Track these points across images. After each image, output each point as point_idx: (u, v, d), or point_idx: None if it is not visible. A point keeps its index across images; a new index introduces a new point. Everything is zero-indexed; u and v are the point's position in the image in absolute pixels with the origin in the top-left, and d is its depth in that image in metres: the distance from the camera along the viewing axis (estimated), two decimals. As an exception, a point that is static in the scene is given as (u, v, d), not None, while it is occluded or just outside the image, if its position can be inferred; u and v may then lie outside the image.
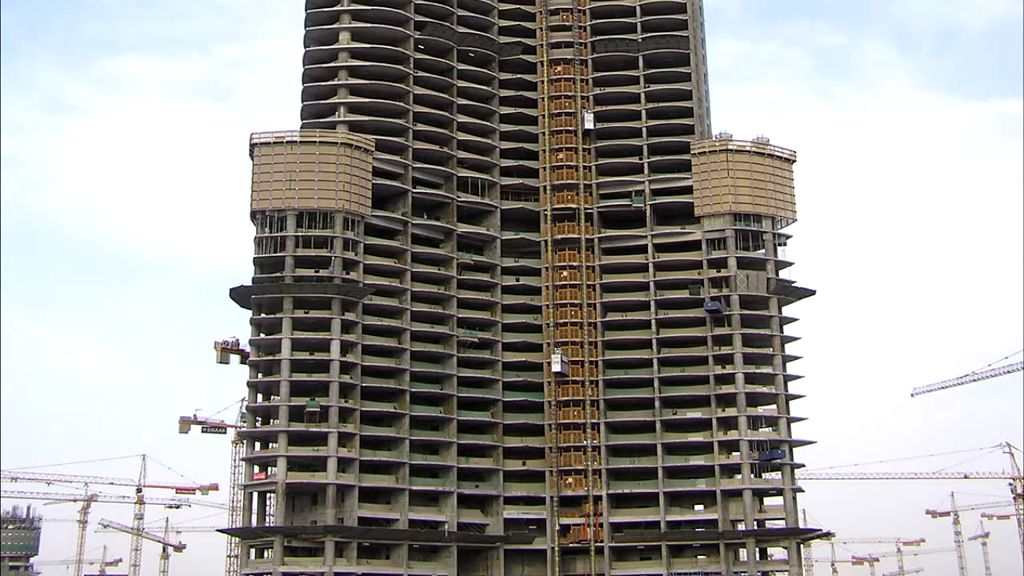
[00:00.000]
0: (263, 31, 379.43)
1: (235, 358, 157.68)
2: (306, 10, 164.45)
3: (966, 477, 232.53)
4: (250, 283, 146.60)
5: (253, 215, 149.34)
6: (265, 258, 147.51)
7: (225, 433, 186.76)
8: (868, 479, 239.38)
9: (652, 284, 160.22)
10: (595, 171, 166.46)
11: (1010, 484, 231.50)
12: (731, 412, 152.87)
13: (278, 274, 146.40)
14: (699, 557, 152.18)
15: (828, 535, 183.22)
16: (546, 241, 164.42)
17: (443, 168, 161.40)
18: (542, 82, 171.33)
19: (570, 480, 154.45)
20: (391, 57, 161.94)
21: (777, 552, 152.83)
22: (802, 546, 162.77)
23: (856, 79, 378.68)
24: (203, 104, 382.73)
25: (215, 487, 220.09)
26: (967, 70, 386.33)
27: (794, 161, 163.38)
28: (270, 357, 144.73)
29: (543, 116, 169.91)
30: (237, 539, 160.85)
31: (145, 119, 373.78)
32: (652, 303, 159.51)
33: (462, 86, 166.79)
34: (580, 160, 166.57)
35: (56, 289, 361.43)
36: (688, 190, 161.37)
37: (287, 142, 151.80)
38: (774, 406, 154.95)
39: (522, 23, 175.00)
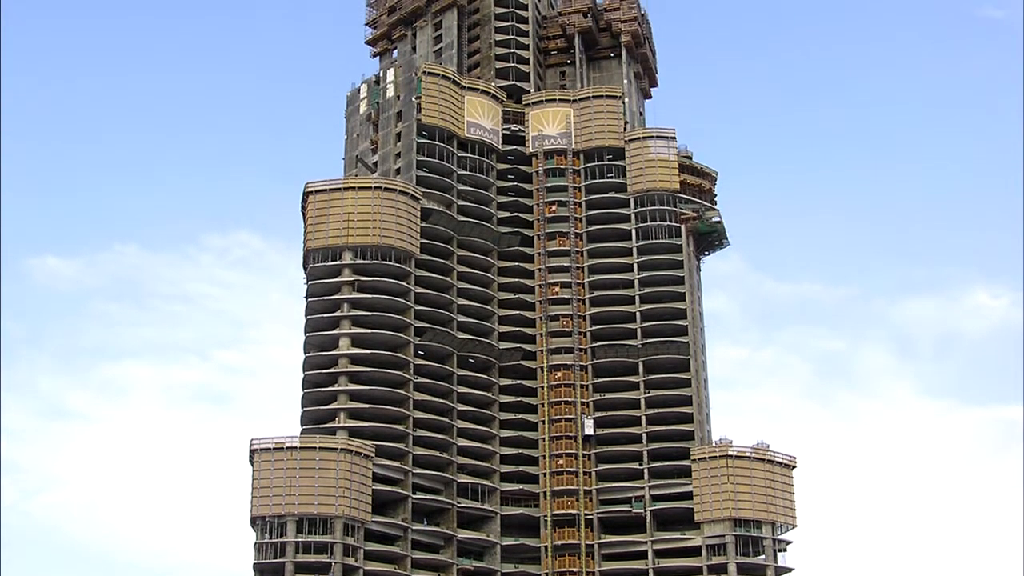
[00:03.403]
0: (262, 337, 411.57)
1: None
2: (306, 316, 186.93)
3: None
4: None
5: (253, 521, 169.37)
6: (265, 564, 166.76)
7: None
8: None
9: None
10: (595, 477, 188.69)
11: None
12: None
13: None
14: None
15: None
16: (546, 547, 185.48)
17: (443, 474, 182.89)
18: (542, 388, 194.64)
19: None
20: (391, 363, 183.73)
21: None
22: None
23: (856, 385, 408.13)
24: (203, 409, 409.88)
25: None
26: (967, 376, 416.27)
27: (794, 467, 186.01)
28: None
29: (543, 422, 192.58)
30: None
31: (145, 425, 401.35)
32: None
33: (462, 392, 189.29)
34: (580, 466, 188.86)
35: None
36: (688, 496, 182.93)
37: (287, 448, 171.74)
38: None
39: (522, 329, 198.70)
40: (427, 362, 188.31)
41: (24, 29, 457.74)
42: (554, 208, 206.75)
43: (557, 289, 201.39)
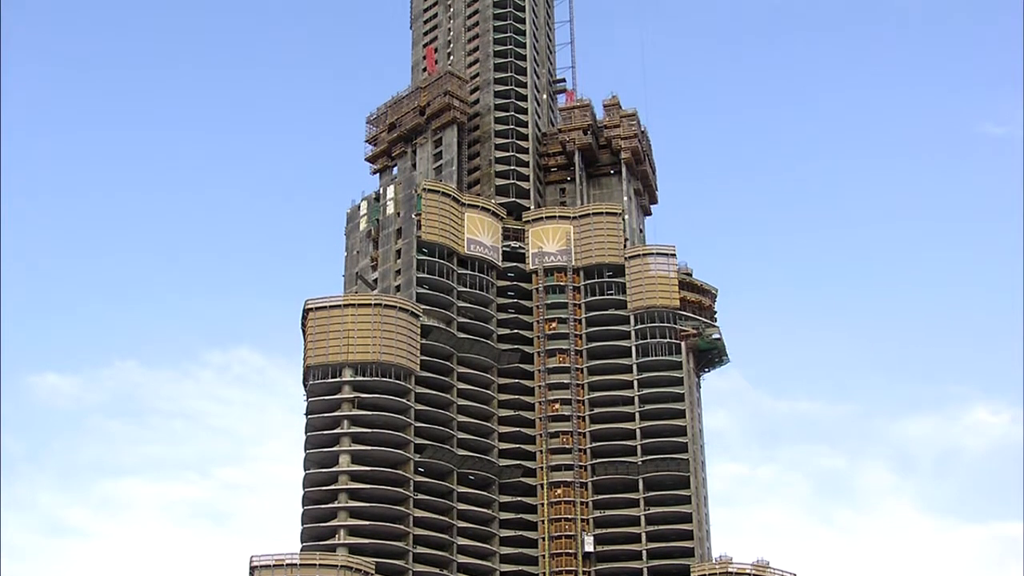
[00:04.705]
0: (263, 454, 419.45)
1: None
2: (306, 432, 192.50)
3: None
4: None
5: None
6: None
7: None
8: None
9: None
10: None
11: None
12: None
13: None
14: None
15: None
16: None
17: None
18: (542, 504, 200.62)
19: None
20: (391, 480, 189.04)
21: None
22: None
23: (856, 502, 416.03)
24: (203, 527, 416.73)
25: None
26: (967, 493, 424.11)
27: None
28: None
29: (543, 539, 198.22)
30: None
31: (145, 542, 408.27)
32: None
33: (462, 508, 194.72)
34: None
35: None
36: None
37: (287, 565, 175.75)
38: None
39: (522, 446, 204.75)
40: (427, 479, 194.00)
41: (25, 143, 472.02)
42: (554, 325, 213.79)
43: (557, 406, 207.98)
